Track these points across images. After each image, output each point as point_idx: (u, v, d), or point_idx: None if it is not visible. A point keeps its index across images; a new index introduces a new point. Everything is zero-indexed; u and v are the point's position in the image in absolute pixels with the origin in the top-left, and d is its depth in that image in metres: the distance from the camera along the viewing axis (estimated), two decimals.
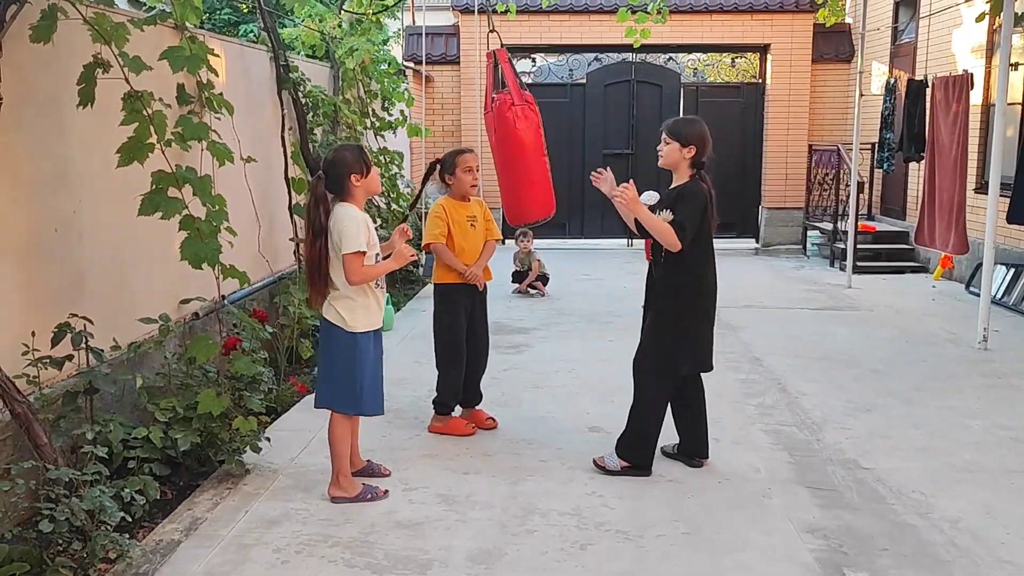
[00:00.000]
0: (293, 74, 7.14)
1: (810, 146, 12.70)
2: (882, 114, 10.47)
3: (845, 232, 10.74)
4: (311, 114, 7.62)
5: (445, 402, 5.10)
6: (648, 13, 9.58)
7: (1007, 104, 7.52)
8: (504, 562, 3.55)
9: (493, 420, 5.17)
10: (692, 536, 3.78)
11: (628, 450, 4.44)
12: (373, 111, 9.48)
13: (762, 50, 13.24)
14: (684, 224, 4.16)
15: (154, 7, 4.94)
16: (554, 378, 6.20)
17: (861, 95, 9.99)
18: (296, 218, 6.61)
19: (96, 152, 4.38)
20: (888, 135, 10.35)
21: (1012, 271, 8.77)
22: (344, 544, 3.70)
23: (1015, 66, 8.54)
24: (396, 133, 10.09)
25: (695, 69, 17.47)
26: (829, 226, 11.76)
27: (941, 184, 8.66)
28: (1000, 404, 5.63)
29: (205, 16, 13.56)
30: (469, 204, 5.06)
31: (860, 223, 10.74)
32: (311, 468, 4.50)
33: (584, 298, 9.21)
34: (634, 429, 4.43)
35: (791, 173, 13.01)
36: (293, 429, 5.07)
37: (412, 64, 12.45)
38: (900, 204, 11.74)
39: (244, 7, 15.17)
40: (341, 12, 8.87)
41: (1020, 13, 7.59)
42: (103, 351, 4.20)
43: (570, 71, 13.69)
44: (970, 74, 8.50)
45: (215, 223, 4.48)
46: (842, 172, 11.45)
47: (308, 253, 3.99)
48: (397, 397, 5.53)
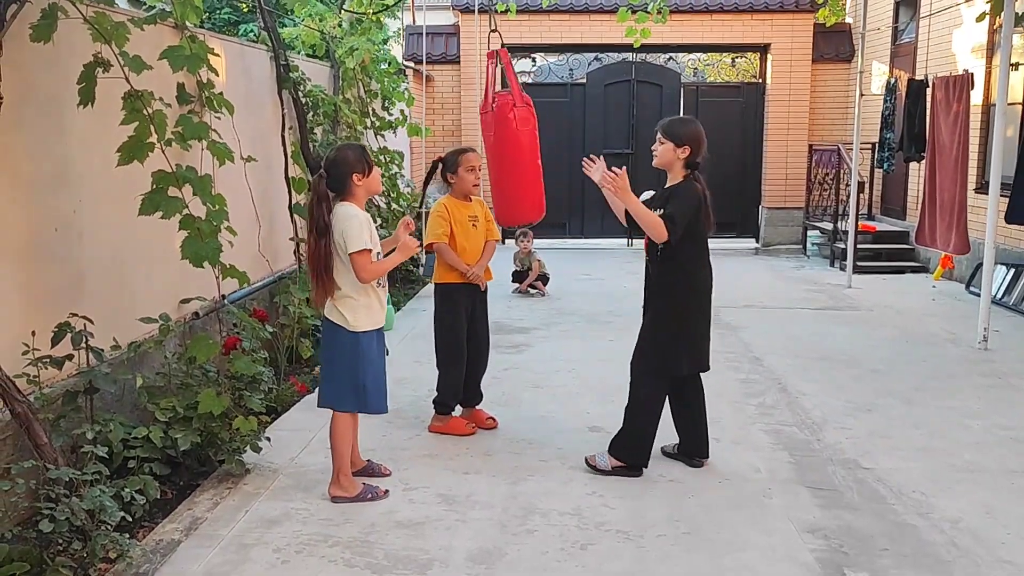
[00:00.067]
0: (293, 73, 7.13)
1: (810, 146, 12.69)
2: (882, 114, 10.47)
3: (845, 232, 10.74)
4: (311, 113, 7.62)
5: (445, 402, 5.10)
6: (648, 13, 9.58)
7: (1007, 104, 7.52)
8: (504, 562, 3.55)
9: (493, 420, 5.17)
10: (692, 536, 3.78)
11: (623, 449, 4.43)
12: (373, 111, 9.48)
13: (762, 50, 13.24)
14: (674, 216, 4.14)
15: (154, 6, 4.93)
16: (554, 378, 6.21)
17: (861, 95, 9.99)
18: (296, 218, 6.61)
19: (96, 152, 4.38)
20: (888, 135, 10.35)
21: (1012, 271, 8.77)
22: (344, 544, 3.70)
23: (1015, 66, 8.53)
24: (396, 133, 10.08)
25: (695, 69, 17.45)
26: (829, 226, 11.75)
27: (942, 184, 8.66)
28: (1000, 404, 5.64)
29: (205, 15, 13.54)
30: (471, 204, 5.06)
31: (860, 223, 10.73)
32: (311, 468, 4.50)
33: (584, 298, 9.20)
34: (630, 429, 4.42)
35: (791, 173, 13.01)
36: (293, 429, 5.07)
37: (412, 64, 12.44)
38: (900, 204, 11.73)
39: (244, 6, 15.16)
40: (341, 11, 8.86)
41: (1020, 13, 7.58)
42: (103, 351, 4.20)
43: (570, 71, 13.69)
44: (970, 74, 8.50)
45: (215, 223, 4.48)
46: (842, 172, 11.44)
47: (312, 251, 3.97)
48: (397, 397, 5.52)
